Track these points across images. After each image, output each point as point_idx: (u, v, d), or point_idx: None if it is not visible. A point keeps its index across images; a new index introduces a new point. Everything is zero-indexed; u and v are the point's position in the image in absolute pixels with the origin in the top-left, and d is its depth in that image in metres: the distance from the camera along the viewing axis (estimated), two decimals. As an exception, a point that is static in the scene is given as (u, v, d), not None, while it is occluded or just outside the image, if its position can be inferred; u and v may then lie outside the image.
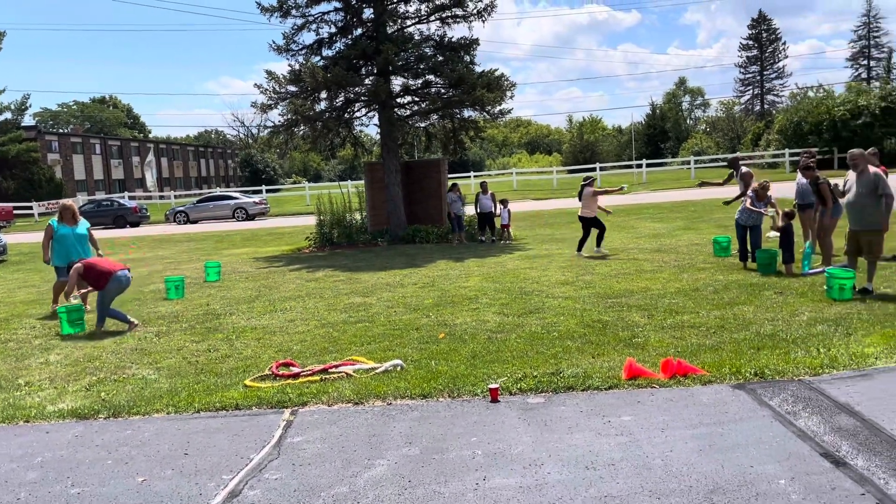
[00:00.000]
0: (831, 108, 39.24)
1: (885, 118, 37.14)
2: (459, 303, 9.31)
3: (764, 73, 76.02)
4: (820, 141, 37.70)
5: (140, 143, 73.94)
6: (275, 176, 65.34)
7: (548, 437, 4.56)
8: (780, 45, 76.16)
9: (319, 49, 18.37)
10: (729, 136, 63.18)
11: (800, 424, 4.47)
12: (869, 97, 39.06)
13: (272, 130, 19.22)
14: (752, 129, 56.38)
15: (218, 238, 23.39)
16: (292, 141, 19.33)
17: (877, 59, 72.36)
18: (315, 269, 13.85)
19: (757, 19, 76.17)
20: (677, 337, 6.83)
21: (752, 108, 75.27)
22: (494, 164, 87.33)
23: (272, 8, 17.55)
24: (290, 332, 8.16)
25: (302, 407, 5.41)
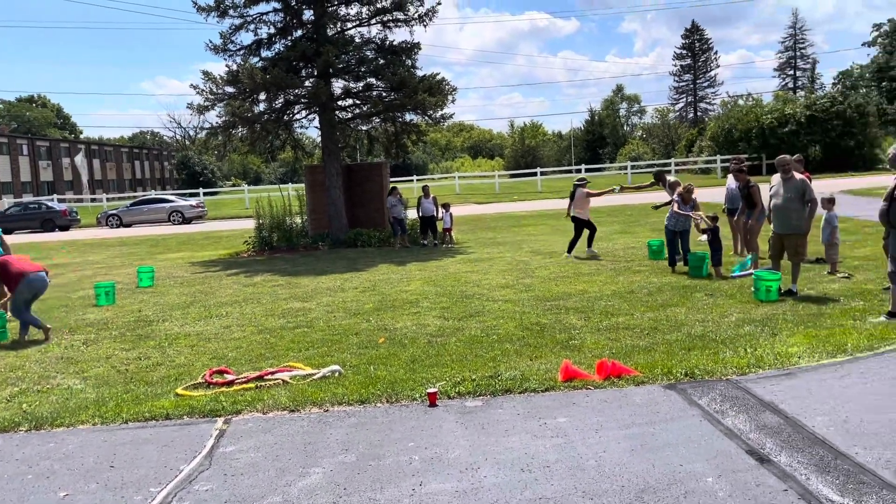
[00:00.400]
0: (760, 116, 40.75)
1: (809, 126, 38.79)
2: (400, 307, 9.27)
3: (697, 81, 78.40)
4: (749, 147, 39.09)
5: (70, 144, 71.24)
6: (213, 178, 63.95)
7: (485, 440, 4.58)
8: (711, 55, 78.70)
9: (258, 50, 18.07)
10: (664, 142, 64.92)
11: (727, 423, 4.60)
12: (795, 106, 40.73)
13: (209, 132, 18.81)
14: (685, 136, 58.07)
15: (152, 242, 22.72)
16: (230, 143, 18.95)
17: (802, 70, 75.57)
18: (253, 273, 13.60)
19: (690, 29, 78.55)
20: (612, 338, 6.97)
21: (686, 116, 77.54)
22: (438, 167, 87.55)
23: (209, 7, 17.17)
24: (226, 339, 7.98)
25: (236, 415, 5.29)
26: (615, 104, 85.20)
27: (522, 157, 76.01)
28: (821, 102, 39.67)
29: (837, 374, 5.44)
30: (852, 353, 5.93)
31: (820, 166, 38.24)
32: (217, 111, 17.78)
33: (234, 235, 22.41)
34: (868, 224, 13.94)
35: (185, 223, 32.21)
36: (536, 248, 14.91)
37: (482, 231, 19.54)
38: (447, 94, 17.73)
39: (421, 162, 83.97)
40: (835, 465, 3.93)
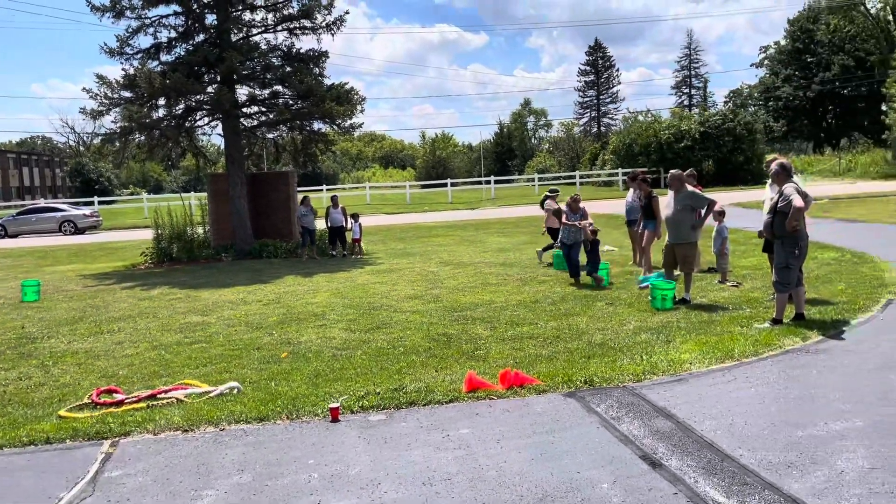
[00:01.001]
0: (658, 131, 42.65)
1: (703, 142, 40.90)
2: (305, 320, 9.09)
3: (600, 97, 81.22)
4: (648, 161, 40.82)
5: (-50, 148, 66.24)
6: (110, 187, 60.91)
7: (387, 454, 4.52)
8: (613, 72, 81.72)
9: (157, 54, 17.39)
10: (569, 155, 66.85)
11: (623, 429, 4.73)
12: (690, 122, 42.87)
13: (105, 138, 17.93)
14: (589, 150, 60.03)
15: (40, 254, 21.37)
16: (128, 150, 18.09)
17: (697, 88, 79.66)
18: (150, 286, 13.01)
19: (593, 47, 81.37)
20: (517, 348, 7.06)
21: (590, 130, 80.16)
22: (349, 177, 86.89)
23: (104, 7, 16.41)
24: (117, 356, 7.57)
25: (124, 437, 5.01)
26: (523, 117, 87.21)
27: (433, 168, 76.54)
28: (713, 119, 41.92)
29: (725, 380, 5.70)
30: (739, 358, 6.23)
31: (712, 180, 40.38)
32: (113, 116, 16.98)
33: (131, 246, 21.39)
34: (755, 235, 14.77)
35: (77, 233, 30.51)
36: (446, 258, 14.98)
37: (392, 242, 19.47)
38: (356, 104, 17.62)
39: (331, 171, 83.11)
40: (721, 467, 4.10)
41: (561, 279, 11.23)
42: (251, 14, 17.73)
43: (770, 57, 62.30)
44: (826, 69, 55.62)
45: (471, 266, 13.52)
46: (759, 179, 40.66)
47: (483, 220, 25.59)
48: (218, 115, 17.46)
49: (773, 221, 7.32)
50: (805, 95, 56.81)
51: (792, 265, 7.16)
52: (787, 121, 58.85)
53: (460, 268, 13.35)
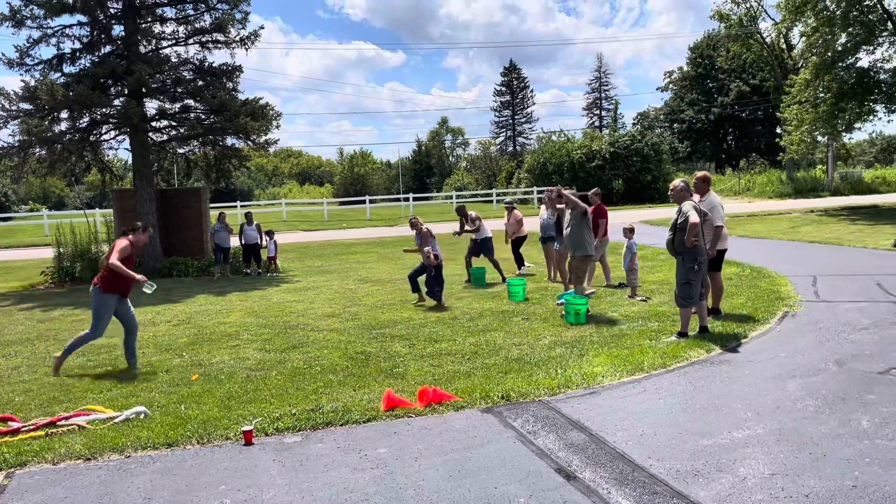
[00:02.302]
0: (571, 151, 43.95)
1: (613, 162, 42.42)
2: (218, 340, 8.82)
3: (515, 117, 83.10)
4: (562, 180, 41.92)
5: None
6: (7, 202, 57.47)
7: (303, 476, 4.43)
8: (528, 93, 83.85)
9: (60, 65, 16.63)
10: (487, 173, 67.97)
11: (538, 443, 4.81)
12: (600, 143, 44.41)
13: (2, 152, 16.89)
14: (506, 168, 61.21)
15: (-73, 274, 19.87)
16: (27, 164, 17.13)
17: (607, 110, 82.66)
18: (51, 307, 12.32)
19: (508, 68, 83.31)
20: (435, 365, 7.08)
21: (507, 149, 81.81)
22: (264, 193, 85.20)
23: (2, 17, 15.58)
24: (13, 382, 7.12)
25: (20, 468, 4.71)
26: (441, 135, 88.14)
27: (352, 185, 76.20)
28: (622, 140, 43.56)
29: (635, 391, 5.90)
30: (648, 371, 6.46)
31: (622, 198, 41.92)
32: (11, 130, 16.08)
33: (29, 265, 20.19)
34: (662, 252, 15.40)
35: (-31, 252, 28.57)
36: (364, 275, 14.89)
37: (309, 259, 19.19)
38: (271, 119, 17.37)
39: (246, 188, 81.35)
40: (633, 477, 4.23)
41: (479, 295, 11.36)
42: (161, 26, 17.25)
43: (674, 81, 65.39)
44: (726, 94, 58.89)
45: (389, 283, 13.49)
46: (665, 198, 42.50)
47: (402, 237, 25.57)
48: (125, 129, 16.81)
49: (674, 238, 7.66)
50: (707, 118, 59.93)
51: (693, 281, 7.49)
52: (691, 142, 61.86)
53: (379, 285, 13.30)
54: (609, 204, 39.92)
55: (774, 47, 45.38)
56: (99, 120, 16.60)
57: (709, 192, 8.58)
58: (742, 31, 42.90)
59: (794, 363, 6.53)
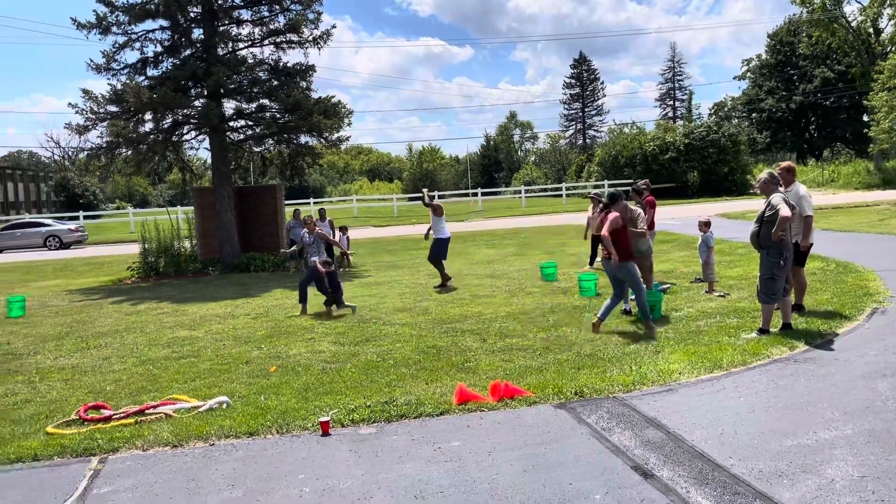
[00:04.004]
0: (643, 143, 43.03)
1: (687, 154, 41.27)
2: (294, 333, 9.05)
3: (585, 109, 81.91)
4: (634, 173, 41.11)
5: (-68, 163, 65.60)
6: (95, 201, 60.43)
7: (378, 468, 4.50)
8: (598, 85, 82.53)
9: (144, 69, 17.37)
10: (556, 167, 67.24)
11: (614, 440, 4.75)
12: (674, 134, 43.28)
13: (91, 153, 17.80)
14: (575, 161, 60.39)
15: (25, 269, 21.17)
16: (114, 164, 18.01)
17: (681, 101, 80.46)
18: (137, 301, 12.91)
19: (578, 60, 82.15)
20: (506, 360, 7.07)
21: (576, 142, 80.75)
22: (336, 190, 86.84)
23: (90, 25, 16.37)
24: (104, 372, 7.50)
25: (112, 454, 4.96)
26: (509, 130, 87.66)
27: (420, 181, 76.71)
28: (697, 131, 42.32)
29: (714, 389, 5.74)
30: (727, 368, 6.27)
31: (697, 191, 40.73)
32: (99, 131, 16.93)
33: (117, 261, 21.24)
34: (741, 245, 14.90)
35: (63, 248, 30.26)
36: (434, 270, 14.96)
37: (380, 254, 19.46)
38: (343, 117, 17.66)
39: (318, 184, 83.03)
40: (713, 477, 4.12)
41: (549, 291, 11.26)
42: (238, 28, 17.78)
43: (752, 69, 63.01)
44: (808, 81, 56.34)
45: (459, 278, 13.53)
46: (743, 190, 41.07)
47: (470, 232, 25.63)
48: (205, 129, 17.43)
49: (759, 231, 7.38)
50: (788, 107, 57.48)
51: (777, 276, 7.22)
52: (771, 132, 59.49)
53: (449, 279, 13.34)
54: (684, 197, 38.90)
55: (861, 32, 43.15)
56: (180, 121, 17.26)
57: (794, 182, 8.24)
58: (825, 15, 40.98)
59: (885, 362, 6.21)
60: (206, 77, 16.25)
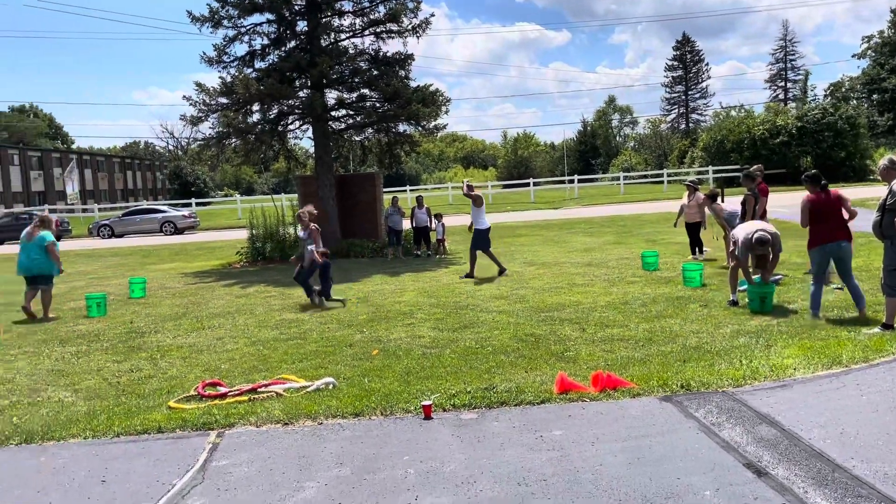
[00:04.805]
0: (751, 127, 41.04)
1: (800, 138, 39.08)
2: (394, 318, 9.24)
3: (689, 92, 78.89)
4: (741, 158, 39.33)
5: (62, 154, 70.99)
6: (205, 189, 63.75)
7: (480, 453, 4.54)
8: (703, 66, 79.25)
9: (252, 61, 18.08)
10: (656, 153, 65.24)
11: (724, 435, 4.58)
12: (786, 117, 41.04)
13: (203, 143, 18.76)
14: (678, 147, 58.38)
15: (144, 253, 22.61)
16: (224, 154, 18.92)
17: (793, 81, 76.14)
18: (246, 284, 13.53)
19: (681, 41, 79.12)
20: (607, 350, 6.95)
21: (678, 127, 77.97)
22: (430, 178, 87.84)
23: (203, 18, 17.19)
24: (219, 351, 7.92)
25: (229, 428, 5.24)
26: (608, 115, 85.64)
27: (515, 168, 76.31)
28: (812, 114, 39.97)
29: (833, 386, 5.43)
30: (847, 365, 5.92)
31: (811, 177, 38.46)
32: (210, 122, 17.79)
33: (226, 246, 22.32)
34: (861, 235, 13.96)
35: (177, 234, 32.11)
36: (530, 258, 14.91)
37: (476, 242, 19.50)
38: (441, 105, 17.80)
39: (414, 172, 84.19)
40: (833, 478, 3.91)
41: (651, 280, 10.97)
42: (340, 19, 18.19)
43: (874, 47, 58.76)
44: (938, 57, 52.05)
45: (556, 266, 13.41)
46: (862, 176, 38.54)
47: (567, 220, 25.32)
48: (309, 119, 17.99)
49: (882, 221, 6.90)
50: (913, 86, 53.34)
51: (904, 267, 6.73)
52: (894, 114, 55.36)
53: (545, 268, 13.26)
54: (796, 184, 36.81)
55: None
56: (286, 111, 17.89)
57: None
58: (960, -16, 37.56)
59: None
60: (310, 68, 16.75)
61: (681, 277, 10.58)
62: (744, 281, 8.70)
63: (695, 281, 10.13)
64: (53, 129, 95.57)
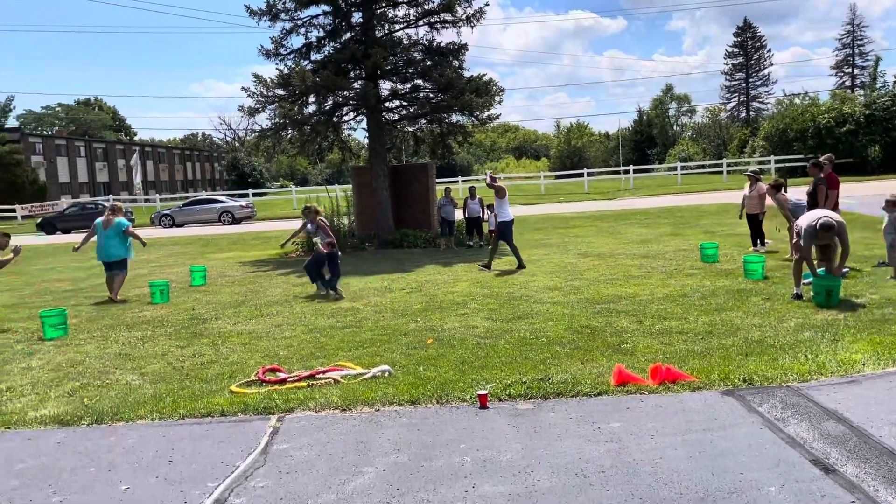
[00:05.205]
0: (816, 115, 39.62)
1: (868, 126, 37.55)
2: (448, 308, 9.27)
3: (749, 80, 76.62)
4: (805, 147, 38.05)
5: (125, 146, 73.41)
6: (261, 179, 64.98)
7: (537, 443, 4.53)
8: (765, 53, 76.84)
9: (308, 53, 18.30)
10: (715, 142, 63.63)
11: (789, 431, 4.46)
12: (853, 105, 39.49)
13: (260, 134, 19.11)
14: (737, 136, 56.81)
15: (204, 242, 23.22)
16: (280, 145, 19.24)
17: (861, 68, 73.16)
18: (302, 273, 13.72)
19: (742, 27, 76.84)
20: (666, 343, 6.83)
21: (738, 115, 75.85)
22: (482, 168, 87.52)
23: (261, 12, 17.46)
24: (277, 337, 8.08)
25: (289, 413, 5.35)
26: (664, 104, 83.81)
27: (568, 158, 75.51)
28: (881, 101, 38.35)
29: (905, 383, 5.22)
30: (921, 361, 5.68)
31: (880, 166, 36.99)
32: (267, 113, 18.09)
33: (282, 235, 22.67)
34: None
35: (234, 223, 32.85)
36: (584, 249, 14.75)
37: (528, 233, 19.41)
38: (494, 95, 17.70)
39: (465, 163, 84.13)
40: (906, 477, 3.77)
41: (710, 272, 10.73)
42: (394, 10, 18.24)
43: (950, 29, 55.89)
44: None
45: (611, 258, 13.23)
46: (935, 166, 36.81)
47: (622, 211, 24.94)
48: (363, 110, 18.13)
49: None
50: None
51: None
52: (970, 100, 52.68)
53: (600, 259, 13.10)
54: (862, 173, 35.44)
55: None
56: (340, 102, 18.07)
57: None
58: None
59: None
60: (365, 59, 16.86)
61: (741, 270, 10.31)
62: (808, 273, 8.42)
63: (756, 273, 9.86)
64: (117, 121, 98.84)
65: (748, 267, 10.04)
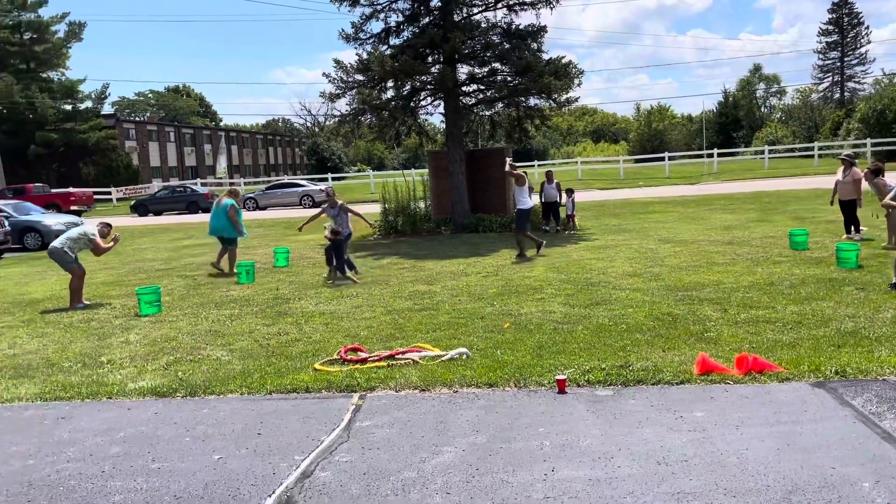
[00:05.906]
0: (919, 95, 37.20)
1: (977, 106, 35.01)
2: (524, 292, 9.25)
3: (845, 59, 72.55)
4: (905, 130, 35.84)
5: (212, 132, 76.14)
6: (340, 164, 66.26)
7: (617, 430, 4.49)
8: (862, 30, 72.51)
9: (387, 38, 18.47)
10: (806, 125, 60.68)
11: (885, 426, 4.27)
12: (961, 84, 36.86)
13: (339, 119, 19.45)
14: (831, 118, 54.02)
15: (286, 224, 23.88)
16: (359, 130, 19.54)
17: (970, 43, 68.07)
18: (380, 256, 14.01)
19: (838, 3, 72.66)
20: (752, 332, 6.63)
21: (832, 96, 72.03)
22: (558, 152, 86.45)
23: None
24: (357, 318, 8.28)
25: (370, 392, 5.49)
26: (752, 84, 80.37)
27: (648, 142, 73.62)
28: None
29: None
30: None
31: None
32: (347, 99, 18.38)
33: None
34: None
35: (314, 207, 33.54)
36: (665, 235, 14.41)
37: (606, 217, 19.10)
38: (573, 78, 17.42)
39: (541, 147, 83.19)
40: None
41: (800, 260, 10.31)
42: (473, -7, 18.16)
43: None
44: None
45: (693, 244, 12.87)
46: None
47: (705, 196, 24.16)
48: (440, 95, 18.19)
49: None
50: None
51: None
52: None
53: (682, 245, 12.77)
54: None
55: None
56: (418, 87, 18.18)
57: None
58: None
59: None
60: (443, 43, 16.89)
61: (833, 258, 9.86)
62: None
63: (850, 262, 9.41)
64: (203, 107, 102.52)
65: (841, 255, 9.59)
